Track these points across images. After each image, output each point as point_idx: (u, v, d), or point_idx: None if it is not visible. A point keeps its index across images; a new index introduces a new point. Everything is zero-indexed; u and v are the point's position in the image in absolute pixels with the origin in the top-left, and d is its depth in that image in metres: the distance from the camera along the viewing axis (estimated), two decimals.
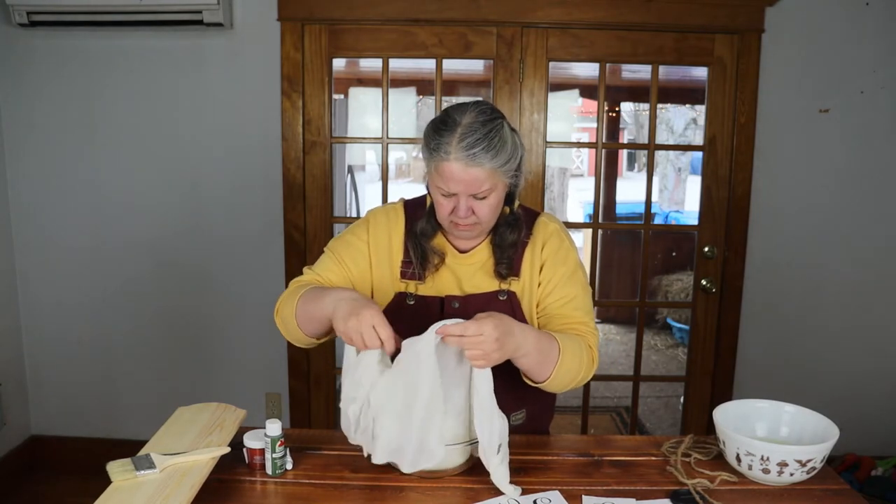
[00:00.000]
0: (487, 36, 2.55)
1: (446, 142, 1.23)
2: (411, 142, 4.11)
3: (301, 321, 1.31)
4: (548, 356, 1.25)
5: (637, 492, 1.20)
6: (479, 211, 1.28)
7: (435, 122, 1.28)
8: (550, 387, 1.30)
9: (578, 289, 1.39)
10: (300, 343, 1.38)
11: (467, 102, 1.30)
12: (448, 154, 1.23)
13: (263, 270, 2.68)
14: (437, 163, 1.25)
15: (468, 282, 1.40)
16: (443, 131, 1.24)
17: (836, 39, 2.53)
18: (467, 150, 1.22)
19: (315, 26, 2.54)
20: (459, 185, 1.24)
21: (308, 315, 1.29)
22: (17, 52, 2.59)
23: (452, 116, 1.26)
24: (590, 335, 1.36)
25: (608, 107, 5.37)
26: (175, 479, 1.10)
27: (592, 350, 1.35)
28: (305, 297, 1.30)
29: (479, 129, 1.23)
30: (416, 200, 1.48)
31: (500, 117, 1.28)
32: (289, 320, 1.33)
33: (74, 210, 2.69)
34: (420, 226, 1.38)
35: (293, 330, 1.34)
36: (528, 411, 1.46)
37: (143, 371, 2.79)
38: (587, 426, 2.88)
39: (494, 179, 1.26)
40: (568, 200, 8.93)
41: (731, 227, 2.64)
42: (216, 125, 2.62)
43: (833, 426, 1.26)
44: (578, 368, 1.30)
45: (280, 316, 1.38)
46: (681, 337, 5.08)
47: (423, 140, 1.30)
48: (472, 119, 1.24)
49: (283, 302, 1.37)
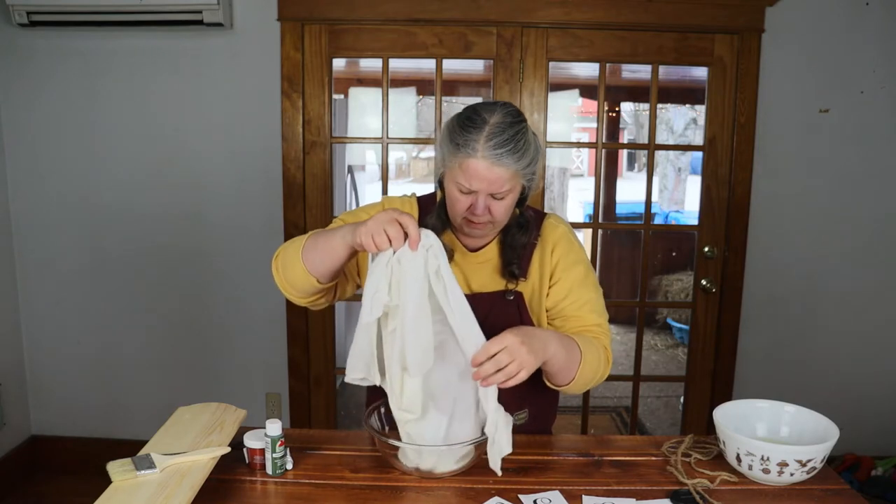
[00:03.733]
0: (487, 36, 2.54)
1: (474, 139, 1.22)
2: (411, 142, 4.09)
3: (308, 255, 1.26)
4: (572, 356, 1.26)
5: (637, 492, 1.20)
6: (494, 210, 1.28)
7: (461, 119, 1.27)
8: (573, 388, 1.31)
9: (592, 291, 1.40)
10: (296, 290, 1.32)
11: (494, 102, 1.30)
12: (475, 151, 1.22)
13: (263, 270, 2.66)
14: (462, 159, 1.23)
15: (476, 280, 1.40)
16: (470, 128, 1.23)
17: (836, 39, 2.53)
18: (494, 149, 1.21)
19: (315, 26, 2.54)
20: (482, 184, 1.24)
21: (318, 246, 1.25)
22: (17, 52, 2.59)
23: (481, 115, 1.25)
24: (604, 336, 1.38)
25: (608, 107, 5.38)
26: (175, 479, 1.10)
27: (607, 350, 1.37)
28: (317, 233, 1.28)
29: (506, 130, 1.23)
30: (428, 197, 1.49)
31: (524, 119, 1.29)
32: (292, 259, 1.28)
33: (74, 210, 2.69)
34: (431, 221, 1.37)
35: (295, 270, 1.28)
36: (531, 411, 1.46)
37: (143, 371, 2.80)
38: (587, 426, 2.88)
39: (515, 181, 1.27)
40: (568, 200, 8.92)
41: (731, 227, 2.64)
42: (216, 125, 2.62)
43: (833, 426, 1.26)
44: (597, 368, 1.32)
45: (281, 258, 1.33)
46: (681, 337, 5.08)
47: (444, 135, 1.29)
48: (500, 119, 1.24)
49: (286, 245, 1.34)
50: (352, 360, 1.22)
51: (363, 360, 1.21)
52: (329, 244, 1.23)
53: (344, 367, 1.24)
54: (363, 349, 1.20)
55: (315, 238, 1.27)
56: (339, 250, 1.22)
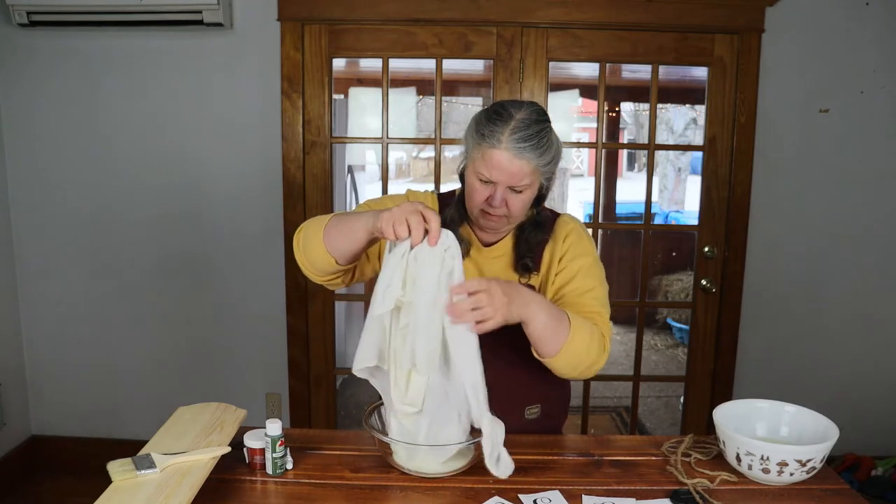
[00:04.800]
0: (487, 36, 2.55)
1: (499, 131, 1.26)
2: (411, 142, 4.09)
3: (330, 236, 1.28)
4: (559, 324, 1.25)
5: (637, 492, 1.20)
6: (511, 204, 1.31)
7: (488, 112, 1.31)
8: (560, 364, 1.28)
9: (597, 282, 1.41)
10: (315, 267, 1.34)
11: (522, 100, 1.34)
12: (499, 143, 1.26)
13: (263, 270, 2.69)
14: (486, 150, 1.28)
15: (489, 272, 1.43)
16: (497, 121, 1.28)
17: (836, 39, 2.53)
18: (518, 142, 1.25)
19: (315, 26, 2.54)
20: (503, 175, 1.28)
21: (341, 228, 1.27)
22: (17, 52, 2.59)
23: (508, 109, 1.29)
24: (603, 325, 1.36)
25: (608, 107, 5.38)
26: (175, 479, 1.10)
27: (605, 339, 1.34)
28: (341, 215, 1.31)
29: (531, 126, 1.27)
30: (447, 194, 1.52)
31: (549, 120, 1.33)
32: (313, 237, 1.30)
33: (74, 210, 2.69)
34: (449, 213, 1.41)
35: (316, 248, 1.30)
36: (544, 408, 1.47)
37: (143, 371, 2.80)
38: (587, 426, 2.88)
39: (534, 177, 1.30)
40: (568, 200, 8.92)
41: (731, 227, 2.64)
42: (216, 125, 2.62)
43: (833, 426, 1.26)
44: (588, 350, 1.29)
45: (303, 234, 1.34)
46: (681, 337, 5.08)
47: (470, 126, 1.33)
48: (526, 115, 1.28)
49: (309, 222, 1.36)
50: (361, 350, 1.21)
51: (374, 349, 1.21)
52: (351, 227, 1.26)
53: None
54: (374, 339, 1.20)
55: (338, 219, 1.30)
56: (359, 234, 1.24)
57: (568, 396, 1.55)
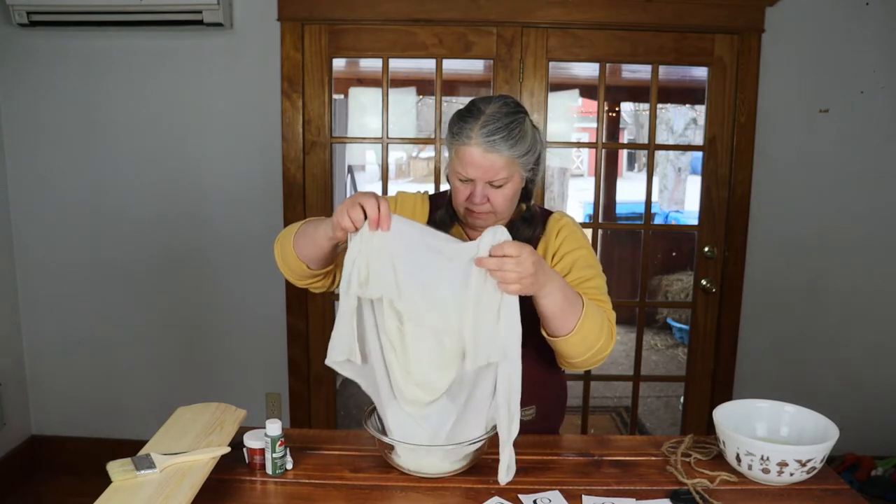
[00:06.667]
0: (487, 36, 2.54)
1: (469, 127, 1.28)
2: (411, 142, 4.10)
3: (298, 242, 1.32)
4: (574, 304, 1.25)
5: (637, 492, 1.20)
6: (493, 199, 1.32)
7: (460, 111, 1.33)
8: (573, 346, 1.28)
9: (594, 272, 1.41)
10: (292, 272, 1.38)
11: (494, 96, 1.35)
12: (469, 139, 1.27)
13: (263, 270, 2.68)
14: (459, 147, 1.29)
15: None
16: (467, 118, 1.29)
17: (836, 39, 2.53)
18: (488, 136, 1.26)
19: (315, 26, 2.54)
20: (477, 171, 1.28)
21: (307, 234, 1.31)
22: (17, 52, 2.59)
23: (478, 106, 1.31)
24: (608, 313, 1.36)
25: (608, 107, 5.37)
26: (175, 479, 1.10)
27: (611, 323, 1.34)
28: (309, 221, 1.35)
29: (500, 119, 1.28)
30: (439, 195, 1.52)
31: (523, 112, 1.33)
32: (286, 243, 1.35)
33: (74, 210, 2.69)
34: (439, 215, 1.42)
35: (289, 254, 1.34)
36: (539, 410, 1.46)
37: (143, 371, 2.80)
38: (587, 426, 2.88)
39: (511, 169, 1.30)
40: (568, 200, 8.91)
41: (731, 227, 2.64)
42: (216, 125, 2.62)
43: (833, 426, 1.26)
44: (599, 334, 1.29)
45: (280, 240, 1.39)
46: (681, 337, 5.08)
47: (447, 128, 1.34)
48: (496, 109, 1.29)
49: (287, 229, 1.40)
50: (334, 341, 1.21)
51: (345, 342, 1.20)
52: (315, 233, 1.28)
53: None
54: (345, 331, 1.20)
55: (306, 226, 1.33)
56: (321, 240, 1.26)
57: (564, 398, 1.55)
